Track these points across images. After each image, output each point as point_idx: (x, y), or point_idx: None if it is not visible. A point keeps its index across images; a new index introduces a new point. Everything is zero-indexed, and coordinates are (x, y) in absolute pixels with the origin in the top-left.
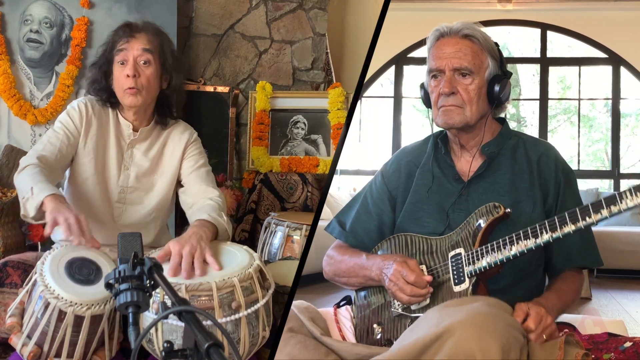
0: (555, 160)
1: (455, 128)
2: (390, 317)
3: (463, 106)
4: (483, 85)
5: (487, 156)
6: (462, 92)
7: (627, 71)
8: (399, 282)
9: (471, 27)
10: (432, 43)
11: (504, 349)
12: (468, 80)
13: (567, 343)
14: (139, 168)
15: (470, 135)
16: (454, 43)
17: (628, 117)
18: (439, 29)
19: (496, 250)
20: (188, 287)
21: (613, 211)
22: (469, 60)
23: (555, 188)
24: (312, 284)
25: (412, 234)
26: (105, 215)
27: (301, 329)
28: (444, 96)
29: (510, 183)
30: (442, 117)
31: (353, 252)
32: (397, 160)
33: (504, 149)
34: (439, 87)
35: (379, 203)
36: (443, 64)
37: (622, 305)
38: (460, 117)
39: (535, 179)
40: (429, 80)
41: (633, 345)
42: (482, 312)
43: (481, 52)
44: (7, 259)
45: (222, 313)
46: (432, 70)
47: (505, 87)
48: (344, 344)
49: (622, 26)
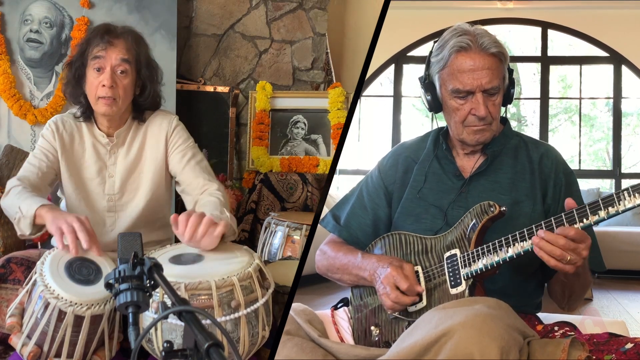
0: (556, 161)
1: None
2: (388, 319)
3: (491, 122)
4: (502, 96)
5: (489, 155)
6: (491, 110)
7: (629, 70)
8: (387, 288)
9: (497, 43)
10: (452, 55)
11: (503, 350)
12: (495, 98)
13: (572, 346)
14: (122, 173)
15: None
16: (481, 60)
17: (630, 116)
18: (461, 42)
19: (492, 252)
20: (187, 286)
21: (611, 212)
22: (498, 78)
23: (556, 189)
24: (312, 284)
25: (407, 233)
26: (98, 226)
27: (298, 331)
28: (476, 118)
29: (511, 183)
30: (474, 136)
31: (348, 249)
32: (394, 154)
33: (506, 148)
34: (466, 106)
35: (374, 198)
36: (474, 85)
37: (624, 306)
38: (490, 134)
39: (536, 179)
40: (448, 94)
41: (635, 347)
42: (481, 314)
43: (503, 66)
44: (11, 255)
45: (221, 312)
46: (460, 92)
47: (515, 87)
48: (342, 345)
49: (623, 25)
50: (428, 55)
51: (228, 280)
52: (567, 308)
